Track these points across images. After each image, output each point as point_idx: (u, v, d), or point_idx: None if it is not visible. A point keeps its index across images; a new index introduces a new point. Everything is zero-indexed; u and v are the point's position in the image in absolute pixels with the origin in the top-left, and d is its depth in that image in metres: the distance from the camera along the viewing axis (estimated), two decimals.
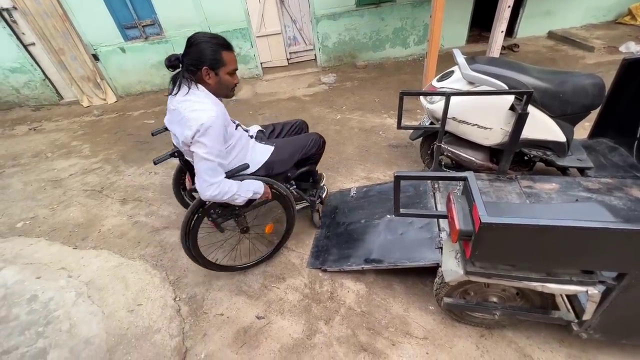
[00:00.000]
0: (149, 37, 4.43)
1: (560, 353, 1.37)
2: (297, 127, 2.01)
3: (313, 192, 2.04)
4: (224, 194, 1.38)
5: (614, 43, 4.21)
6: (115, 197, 2.71)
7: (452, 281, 1.22)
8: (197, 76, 1.31)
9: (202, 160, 1.31)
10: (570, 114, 1.83)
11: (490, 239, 0.98)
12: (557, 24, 4.88)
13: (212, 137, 1.28)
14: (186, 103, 1.29)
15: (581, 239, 0.91)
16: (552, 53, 4.44)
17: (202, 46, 1.25)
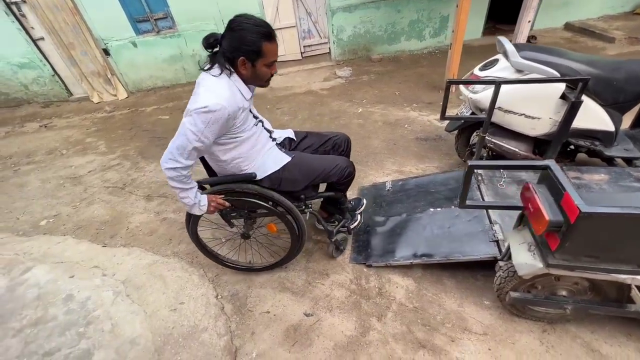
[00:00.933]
0: (161, 31, 4.33)
1: (629, 347, 1.33)
2: (334, 143, 1.73)
3: (338, 218, 1.85)
4: (171, 181, 1.29)
5: (635, 34, 4.16)
6: (139, 194, 2.64)
7: (527, 275, 1.17)
8: (234, 64, 1.22)
9: (181, 134, 1.21)
10: (622, 102, 1.77)
11: (586, 229, 0.93)
12: (573, 16, 4.82)
13: (208, 121, 1.17)
14: (207, 81, 1.21)
15: None
16: (571, 45, 4.38)
17: (243, 34, 1.14)
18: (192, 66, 4.63)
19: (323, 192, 1.71)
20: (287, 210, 1.52)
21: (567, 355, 1.34)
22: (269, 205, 1.49)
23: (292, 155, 1.53)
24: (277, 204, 1.50)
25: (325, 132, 1.78)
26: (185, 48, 4.44)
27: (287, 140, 1.67)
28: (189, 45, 4.42)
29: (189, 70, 4.67)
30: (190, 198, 1.34)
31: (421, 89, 3.79)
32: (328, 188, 1.73)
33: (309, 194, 1.62)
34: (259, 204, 1.49)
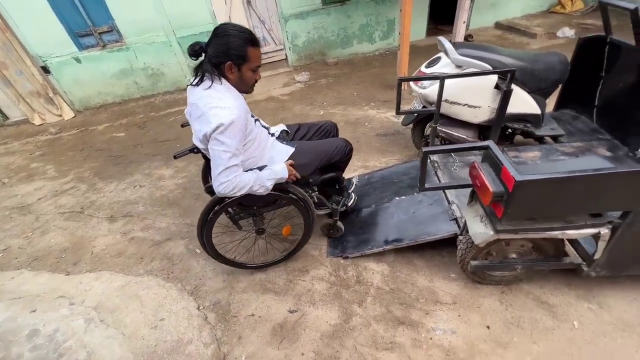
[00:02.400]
0: (107, 44, 4.12)
1: (569, 295, 1.56)
2: (325, 129, 1.89)
3: (338, 199, 1.94)
4: (240, 189, 1.33)
5: (552, 29, 4.76)
6: (100, 216, 2.50)
7: (481, 243, 1.33)
8: (220, 69, 1.27)
9: (217, 157, 1.27)
10: (544, 88, 2.06)
11: (522, 196, 1.09)
12: (501, 15, 5.40)
13: (231, 134, 1.24)
14: (207, 99, 1.25)
15: (595, 184, 1.06)
16: (502, 41, 4.90)
17: (229, 39, 1.21)
18: (145, 80, 4.45)
19: (326, 174, 1.79)
20: (299, 197, 1.59)
21: (522, 309, 1.53)
22: (285, 195, 1.56)
23: (294, 145, 1.62)
24: (289, 192, 1.56)
25: (313, 122, 1.92)
26: (136, 61, 4.26)
27: (284, 133, 1.76)
28: (139, 58, 4.25)
29: (141, 84, 4.48)
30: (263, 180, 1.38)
31: (376, 88, 4.01)
32: (328, 170, 1.80)
33: (315, 178, 1.71)
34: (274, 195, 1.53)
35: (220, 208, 1.52)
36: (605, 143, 2.08)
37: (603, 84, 2.14)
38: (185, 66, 4.48)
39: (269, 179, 1.42)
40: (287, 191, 1.56)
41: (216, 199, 1.49)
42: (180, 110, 4.13)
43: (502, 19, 5.37)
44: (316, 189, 1.78)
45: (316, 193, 1.78)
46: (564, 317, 1.48)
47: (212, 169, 1.31)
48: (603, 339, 1.39)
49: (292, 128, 1.84)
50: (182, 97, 4.50)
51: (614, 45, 2.01)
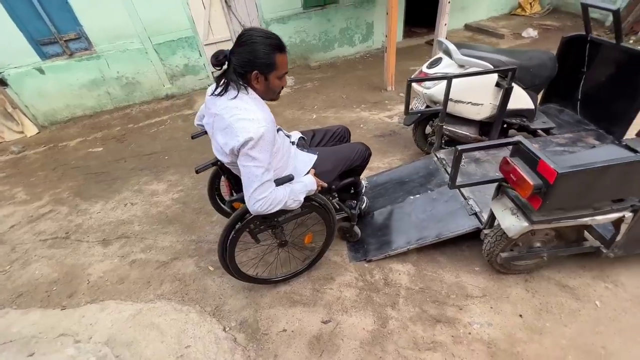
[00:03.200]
0: (74, 53, 3.79)
1: (586, 277, 1.66)
2: (339, 134, 1.86)
3: (352, 204, 1.90)
4: (276, 205, 1.26)
5: (517, 30, 5.12)
6: (91, 240, 2.28)
7: (516, 234, 1.37)
8: (246, 79, 1.19)
9: (250, 174, 1.20)
10: (537, 84, 2.20)
11: (563, 187, 1.14)
12: (470, 18, 5.72)
13: (262, 148, 1.16)
14: (233, 110, 1.17)
15: (624, 171, 1.14)
16: (473, 42, 5.18)
17: (255, 47, 1.12)
18: (119, 90, 4.16)
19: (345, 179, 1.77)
20: (321, 204, 1.55)
21: (547, 294, 1.60)
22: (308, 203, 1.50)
23: (316, 152, 1.58)
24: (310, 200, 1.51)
25: (326, 127, 1.89)
26: (108, 70, 3.97)
27: (302, 140, 1.71)
28: (112, 67, 3.96)
29: (115, 95, 4.18)
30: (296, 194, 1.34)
31: (364, 90, 4.06)
32: (346, 175, 1.77)
33: (336, 184, 1.69)
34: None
35: (243, 225, 1.43)
36: (592, 133, 2.26)
37: (585, 79, 2.32)
38: (163, 74, 4.25)
39: (301, 192, 1.37)
40: (309, 199, 1.50)
41: (238, 215, 1.40)
42: (162, 121, 3.90)
43: (471, 21, 5.69)
44: (336, 195, 1.76)
45: (336, 199, 1.76)
46: (585, 298, 1.57)
47: (245, 186, 1.22)
48: (625, 315, 1.48)
49: (308, 135, 1.81)
50: (161, 106, 4.26)
51: (594, 43, 2.18)
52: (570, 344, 1.41)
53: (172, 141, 3.45)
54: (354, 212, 1.85)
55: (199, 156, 3.11)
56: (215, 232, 2.22)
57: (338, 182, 1.72)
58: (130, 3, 3.66)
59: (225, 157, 1.29)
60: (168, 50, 4.11)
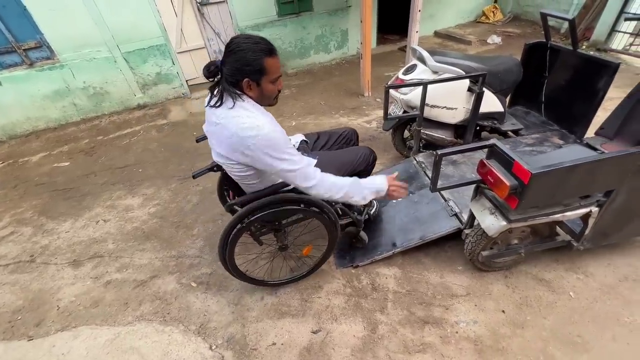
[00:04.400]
0: (35, 62, 3.57)
1: (559, 269, 1.75)
2: (345, 137, 1.82)
3: (361, 209, 1.85)
4: (332, 190, 1.31)
5: (482, 37, 5.41)
6: (60, 262, 2.13)
7: (495, 233, 1.42)
8: (239, 87, 1.17)
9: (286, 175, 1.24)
10: (505, 88, 2.32)
11: (536, 187, 1.20)
12: (438, 25, 5.97)
13: (275, 145, 1.16)
14: (235, 119, 1.15)
15: (591, 169, 1.22)
16: (444, 48, 5.41)
17: (242, 55, 1.11)
18: (85, 100, 3.95)
19: None
20: (323, 210, 1.51)
21: (526, 289, 1.67)
22: (307, 209, 1.47)
23: (316, 156, 1.52)
24: (310, 205, 1.48)
25: (332, 129, 1.86)
26: (73, 80, 3.76)
27: (303, 143, 1.68)
28: (77, 76, 3.76)
29: (81, 106, 3.96)
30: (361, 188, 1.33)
31: (342, 96, 4.11)
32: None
33: None
34: (295, 209, 1.46)
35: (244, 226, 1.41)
36: (556, 133, 2.41)
37: (547, 82, 2.48)
38: (134, 83, 4.09)
39: (367, 189, 1.37)
40: (310, 204, 1.48)
41: (238, 216, 1.38)
42: (134, 132, 3.74)
43: (440, 28, 5.94)
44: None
45: (339, 205, 1.69)
46: (560, 289, 1.65)
47: (296, 184, 1.28)
48: (596, 303, 1.58)
49: (311, 138, 1.78)
50: (132, 117, 4.09)
51: (553, 50, 2.34)
52: (550, 335, 1.47)
53: (146, 153, 3.31)
54: (359, 218, 1.78)
55: (176, 167, 3.01)
56: (196, 246, 2.14)
57: None
58: (96, 10, 3.51)
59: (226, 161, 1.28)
60: (138, 58, 3.96)
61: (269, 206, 1.39)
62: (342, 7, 4.92)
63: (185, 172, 2.91)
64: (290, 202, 1.44)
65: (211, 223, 2.32)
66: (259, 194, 1.40)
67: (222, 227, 2.23)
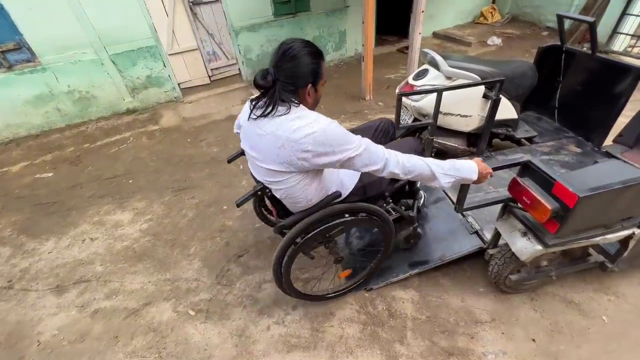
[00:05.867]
0: (13, 65, 3.32)
1: (588, 290, 1.63)
2: (382, 129, 1.67)
3: (409, 203, 1.71)
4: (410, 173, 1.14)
5: (482, 38, 5.32)
6: (41, 288, 1.92)
7: (529, 258, 1.29)
8: (296, 94, 1.08)
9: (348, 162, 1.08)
10: (521, 94, 2.20)
11: (584, 210, 1.07)
12: (437, 26, 5.87)
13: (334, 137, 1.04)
14: (285, 125, 1.03)
15: (636, 191, 1.09)
16: (443, 50, 5.31)
17: (305, 60, 1.04)
18: (70, 105, 3.71)
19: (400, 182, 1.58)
20: (376, 214, 1.39)
21: (555, 313, 1.55)
22: (360, 217, 1.36)
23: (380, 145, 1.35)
24: (366, 213, 1.37)
25: (367, 123, 1.71)
26: (57, 84, 3.52)
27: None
28: (61, 80, 3.52)
29: (66, 111, 3.72)
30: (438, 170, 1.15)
31: (343, 100, 3.96)
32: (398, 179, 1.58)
33: (389, 189, 1.53)
34: (349, 220, 1.33)
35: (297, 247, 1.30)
36: (572, 140, 2.30)
37: (561, 87, 2.38)
38: (123, 87, 3.86)
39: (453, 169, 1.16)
40: (355, 212, 1.34)
41: (293, 236, 1.26)
42: (123, 139, 3.52)
43: (438, 29, 5.85)
44: (390, 200, 1.57)
45: (391, 204, 1.56)
46: (592, 313, 1.54)
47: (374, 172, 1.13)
48: (632, 329, 1.46)
49: None
50: (121, 122, 3.87)
51: (569, 53, 2.24)
52: None
53: (137, 162, 3.11)
54: (412, 215, 1.63)
55: (169, 178, 2.81)
56: (193, 267, 1.97)
57: (392, 186, 1.55)
58: (81, 10, 3.28)
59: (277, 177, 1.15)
60: (127, 61, 3.74)
61: (321, 222, 1.28)
62: (340, 7, 4.77)
63: (179, 183, 2.72)
64: (340, 215, 1.31)
65: (209, 241, 2.14)
66: (308, 211, 1.26)
67: (222, 244, 2.10)
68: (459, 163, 1.18)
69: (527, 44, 5.03)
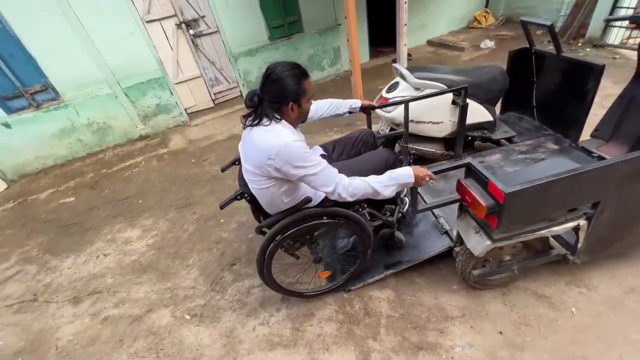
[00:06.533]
0: (41, 104, 3.76)
1: (560, 283, 1.67)
2: (361, 140, 1.81)
3: (392, 208, 1.80)
4: (355, 195, 1.30)
5: (475, 42, 5.40)
6: (60, 300, 2.17)
7: (481, 253, 1.38)
8: (280, 111, 1.27)
9: (309, 181, 1.27)
10: (492, 98, 2.30)
11: (513, 205, 1.17)
12: (431, 34, 6.01)
13: (294, 154, 1.21)
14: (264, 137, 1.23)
15: (570, 184, 1.18)
16: (437, 56, 5.43)
17: (285, 82, 1.21)
18: (90, 136, 4.12)
19: None
20: (346, 217, 1.51)
21: (525, 307, 1.60)
22: (332, 221, 1.48)
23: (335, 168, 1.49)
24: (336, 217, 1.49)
25: (347, 135, 1.87)
26: (78, 118, 3.94)
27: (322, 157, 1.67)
28: (81, 114, 3.94)
29: (86, 141, 4.13)
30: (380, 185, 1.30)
31: None
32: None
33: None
34: (321, 223, 1.48)
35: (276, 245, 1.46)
36: (550, 138, 2.35)
37: (536, 87, 2.44)
38: (135, 115, 4.25)
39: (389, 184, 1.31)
40: (333, 215, 1.49)
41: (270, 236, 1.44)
42: (136, 163, 3.86)
43: (432, 37, 5.98)
44: (366, 205, 1.67)
45: (367, 209, 1.67)
46: (561, 305, 1.57)
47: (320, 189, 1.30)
48: (600, 320, 1.49)
49: (328, 149, 1.79)
50: (135, 148, 4.23)
51: (538, 55, 2.31)
52: (552, 357, 1.39)
53: (147, 183, 3.40)
54: (390, 220, 1.73)
55: (174, 196, 3.07)
56: (191, 276, 2.15)
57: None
58: (96, 51, 3.70)
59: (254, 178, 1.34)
60: (138, 92, 4.13)
61: (295, 224, 1.44)
62: (332, 25, 5.03)
63: (183, 201, 2.96)
64: (314, 217, 1.46)
65: (206, 252, 2.33)
66: (285, 213, 1.43)
67: (217, 254, 2.29)
68: (395, 172, 1.34)
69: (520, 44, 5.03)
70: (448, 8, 5.93)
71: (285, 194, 1.39)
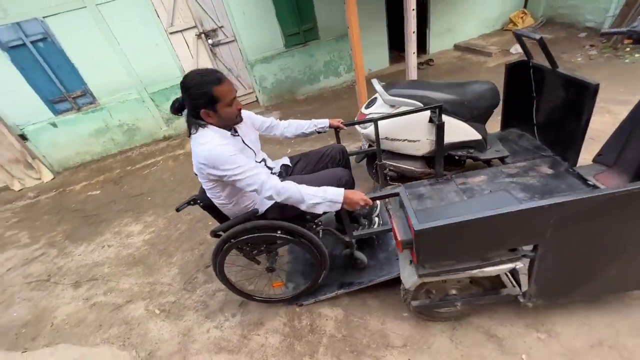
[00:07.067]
0: (81, 107, 4.31)
1: (518, 325, 1.53)
2: (329, 156, 1.81)
3: (353, 227, 1.74)
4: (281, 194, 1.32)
5: (505, 47, 4.99)
6: (66, 283, 2.50)
7: (411, 286, 1.33)
8: (200, 117, 1.34)
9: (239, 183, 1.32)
10: (478, 115, 2.14)
11: (427, 242, 1.12)
12: (459, 38, 5.67)
13: (218, 158, 1.27)
14: (196, 142, 1.34)
15: (496, 224, 1.09)
16: (461, 62, 5.12)
17: (193, 90, 1.27)
18: (121, 135, 4.61)
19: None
20: (297, 234, 1.53)
21: (472, 346, 1.49)
22: (281, 235, 1.53)
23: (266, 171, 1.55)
24: (287, 232, 1.52)
25: (320, 148, 1.90)
26: (111, 120, 4.44)
27: (283, 168, 1.76)
28: (113, 116, 4.43)
29: (117, 140, 4.64)
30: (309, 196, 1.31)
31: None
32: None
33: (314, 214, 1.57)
34: (271, 236, 1.54)
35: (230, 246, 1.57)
36: (547, 160, 2.13)
37: (536, 103, 2.22)
38: (160, 118, 4.66)
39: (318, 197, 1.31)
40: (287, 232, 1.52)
41: (224, 239, 1.54)
42: (155, 162, 4.23)
43: (460, 41, 5.64)
44: (321, 223, 1.68)
45: (321, 227, 1.67)
46: (512, 350, 1.44)
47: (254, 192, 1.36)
48: None
49: (293, 160, 1.83)
50: (158, 147, 4.64)
51: (536, 69, 2.11)
52: None
53: (159, 182, 3.73)
54: (347, 240, 1.66)
55: (177, 196, 3.32)
56: (170, 274, 2.34)
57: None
58: (127, 61, 4.13)
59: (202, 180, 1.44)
60: (162, 97, 4.52)
61: (244, 232, 1.51)
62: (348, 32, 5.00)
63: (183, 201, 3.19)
64: (264, 229, 1.52)
65: (189, 252, 2.51)
66: (237, 219, 1.51)
67: (197, 255, 2.45)
68: (330, 189, 1.34)
69: (557, 48, 4.55)
70: (479, 8, 5.54)
71: (228, 197, 1.48)
